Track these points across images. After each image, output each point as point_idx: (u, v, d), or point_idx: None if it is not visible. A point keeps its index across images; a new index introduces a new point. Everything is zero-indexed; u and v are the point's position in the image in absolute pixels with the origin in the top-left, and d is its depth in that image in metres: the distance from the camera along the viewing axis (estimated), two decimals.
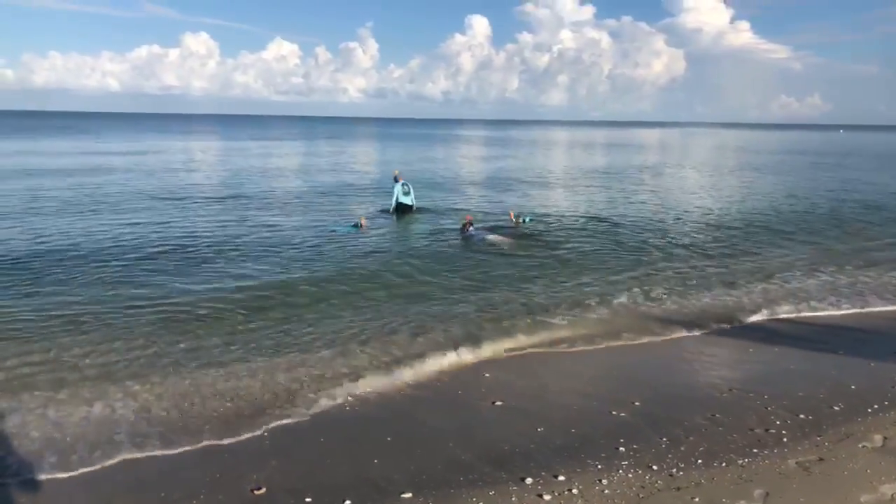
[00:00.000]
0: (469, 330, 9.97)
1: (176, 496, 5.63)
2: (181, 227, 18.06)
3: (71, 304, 10.70)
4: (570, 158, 60.01)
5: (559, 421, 7.13)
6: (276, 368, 8.36)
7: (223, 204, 23.02)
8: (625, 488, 5.69)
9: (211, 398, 7.49)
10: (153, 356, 8.69)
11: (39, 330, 9.50)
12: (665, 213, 22.48)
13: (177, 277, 12.66)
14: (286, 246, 15.83)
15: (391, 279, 12.92)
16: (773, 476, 5.84)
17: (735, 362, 8.99)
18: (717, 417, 7.15)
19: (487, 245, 16.30)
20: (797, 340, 9.87)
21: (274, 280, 12.66)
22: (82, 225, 18.06)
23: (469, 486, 5.76)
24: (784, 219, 21.65)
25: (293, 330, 9.81)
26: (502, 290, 12.29)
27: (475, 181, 34.57)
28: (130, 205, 22.18)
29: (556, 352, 9.36)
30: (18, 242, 15.60)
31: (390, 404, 7.56)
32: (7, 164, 37.32)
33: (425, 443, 6.62)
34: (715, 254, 16.02)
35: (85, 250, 14.82)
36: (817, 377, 8.37)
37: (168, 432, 6.72)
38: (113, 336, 9.33)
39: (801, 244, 17.55)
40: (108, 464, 6.17)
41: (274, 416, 7.14)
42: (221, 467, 6.10)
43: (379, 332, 9.79)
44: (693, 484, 5.73)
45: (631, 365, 8.96)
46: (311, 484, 5.79)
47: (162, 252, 14.84)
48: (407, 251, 15.51)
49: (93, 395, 7.45)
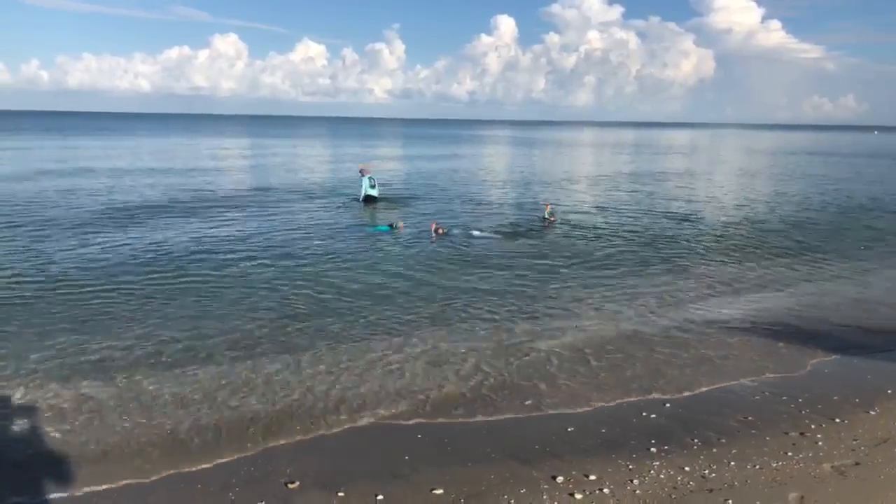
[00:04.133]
0: (502, 329, 10.02)
1: (212, 488, 5.75)
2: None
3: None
4: (595, 159, 59.62)
5: (589, 421, 7.13)
6: (311, 362, 8.50)
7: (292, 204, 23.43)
8: (656, 489, 5.68)
9: (251, 396, 7.64)
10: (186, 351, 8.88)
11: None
12: (700, 214, 22.28)
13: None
14: (332, 247, 16.02)
15: (426, 278, 12.99)
16: (808, 479, 5.77)
17: (768, 365, 8.87)
18: (750, 420, 7.09)
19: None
20: (833, 343, 9.70)
21: (320, 279, 12.82)
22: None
23: (500, 484, 5.79)
24: (828, 222, 21.36)
25: (336, 327, 9.94)
26: (530, 289, 12.29)
27: (501, 179, 34.57)
28: (188, 207, 22.63)
29: (586, 352, 9.32)
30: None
31: (419, 401, 7.60)
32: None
33: (456, 441, 6.66)
34: (752, 255, 15.85)
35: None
36: (854, 381, 8.25)
37: (208, 430, 6.88)
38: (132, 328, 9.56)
39: (840, 248, 17.26)
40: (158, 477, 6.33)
41: (305, 409, 7.26)
42: (257, 462, 6.21)
43: (414, 329, 9.90)
44: (726, 486, 5.69)
45: (662, 366, 8.88)
46: (344, 479, 5.87)
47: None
48: (439, 252, 15.58)
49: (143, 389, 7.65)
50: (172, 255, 14.50)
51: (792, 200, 27.08)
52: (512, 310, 11.04)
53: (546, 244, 16.75)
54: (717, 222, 20.84)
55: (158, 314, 10.34)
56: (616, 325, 10.39)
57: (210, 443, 6.58)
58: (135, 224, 18.52)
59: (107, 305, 10.71)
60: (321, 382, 7.98)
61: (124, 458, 6.26)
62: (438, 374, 8.36)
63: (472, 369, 8.56)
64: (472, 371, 8.50)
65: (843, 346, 9.57)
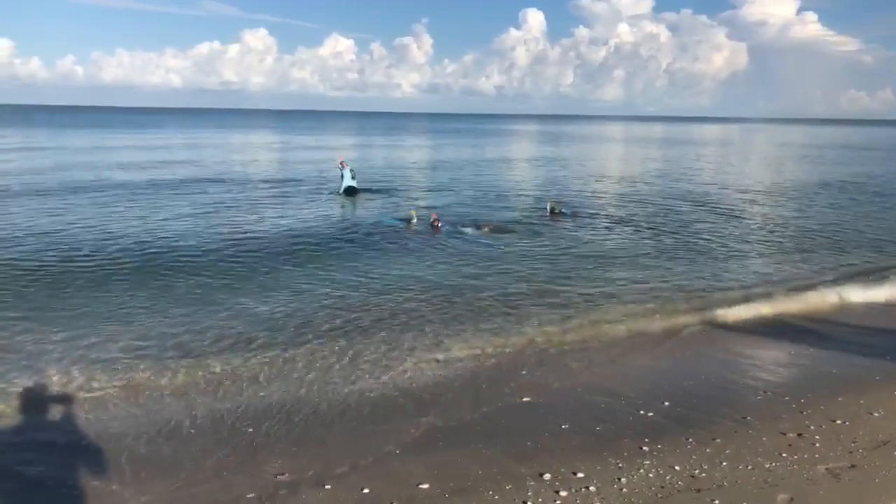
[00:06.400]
0: (503, 325, 10.03)
1: (200, 476, 5.87)
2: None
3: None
4: (622, 154, 59.01)
5: (585, 419, 7.10)
6: (305, 356, 8.60)
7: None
8: (644, 488, 5.63)
9: (247, 381, 7.79)
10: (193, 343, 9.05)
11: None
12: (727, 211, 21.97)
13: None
14: (355, 236, 16.17)
15: (426, 272, 13.05)
16: (801, 481, 5.68)
17: (774, 364, 8.75)
18: (749, 420, 6.99)
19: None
20: (842, 344, 9.52)
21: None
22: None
23: (487, 480, 5.80)
24: (853, 221, 20.94)
25: (330, 318, 10.05)
26: (538, 285, 12.27)
27: (524, 175, 34.43)
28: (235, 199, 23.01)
29: (588, 348, 9.27)
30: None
31: (415, 396, 7.65)
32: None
33: (448, 435, 6.69)
34: (767, 252, 15.60)
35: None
36: (860, 382, 8.06)
37: (201, 413, 7.01)
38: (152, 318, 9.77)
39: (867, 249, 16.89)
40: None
41: (301, 403, 7.36)
42: (246, 451, 6.32)
43: (411, 323, 9.97)
44: (715, 486, 5.63)
45: (664, 364, 8.81)
46: (332, 472, 5.93)
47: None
48: (442, 245, 15.61)
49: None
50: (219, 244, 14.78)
51: (822, 198, 26.51)
52: (510, 303, 11.05)
53: (549, 238, 16.64)
54: (733, 217, 20.52)
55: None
56: (619, 321, 10.32)
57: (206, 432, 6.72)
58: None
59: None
60: (314, 376, 8.10)
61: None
62: (431, 368, 8.42)
63: (466, 363, 8.61)
64: (467, 365, 8.55)
65: (853, 348, 9.37)
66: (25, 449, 6.36)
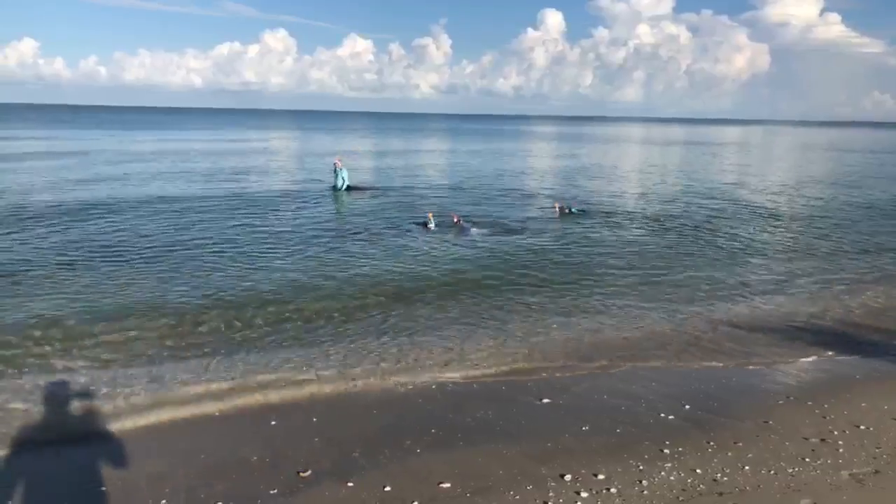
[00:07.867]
0: (522, 325, 10.06)
1: (233, 475, 5.96)
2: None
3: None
4: (640, 156, 58.61)
5: (605, 420, 7.10)
6: (325, 355, 8.70)
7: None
8: (665, 490, 5.63)
9: (270, 378, 7.89)
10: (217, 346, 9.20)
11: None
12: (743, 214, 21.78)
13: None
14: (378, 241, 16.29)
15: (439, 278, 13.09)
16: (824, 487, 5.64)
17: (795, 369, 8.68)
18: (771, 424, 6.95)
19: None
20: (866, 349, 9.42)
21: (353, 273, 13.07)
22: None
23: (508, 480, 5.82)
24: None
25: (350, 319, 10.14)
26: (557, 286, 12.27)
27: (541, 175, 34.34)
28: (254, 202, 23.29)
29: (608, 350, 9.26)
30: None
31: (435, 395, 7.71)
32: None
33: (468, 435, 6.73)
34: (797, 253, 15.45)
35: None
36: (884, 388, 7.99)
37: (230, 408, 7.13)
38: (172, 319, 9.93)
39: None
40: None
41: (322, 401, 7.45)
42: (272, 449, 6.40)
43: (431, 323, 10.04)
44: (737, 490, 5.61)
45: (684, 366, 8.77)
46: (354, 469, 6.00)
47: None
48: (461, 246, 15.66)
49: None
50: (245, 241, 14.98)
51: (846, 200, 26.19)
52: (530, 304, 11.06)
53: (561, 239, 16.61)
54: (753, 218, 20.34)
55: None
56: (639, 323, 10.31)
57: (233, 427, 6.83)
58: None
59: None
60: (334, 374, 8.20)
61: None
62: (451, 368, 8.47)
63: (486, 363, 8.66)
64: (487, 365, 8.60)
65: (877, 352, 9.28)
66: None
